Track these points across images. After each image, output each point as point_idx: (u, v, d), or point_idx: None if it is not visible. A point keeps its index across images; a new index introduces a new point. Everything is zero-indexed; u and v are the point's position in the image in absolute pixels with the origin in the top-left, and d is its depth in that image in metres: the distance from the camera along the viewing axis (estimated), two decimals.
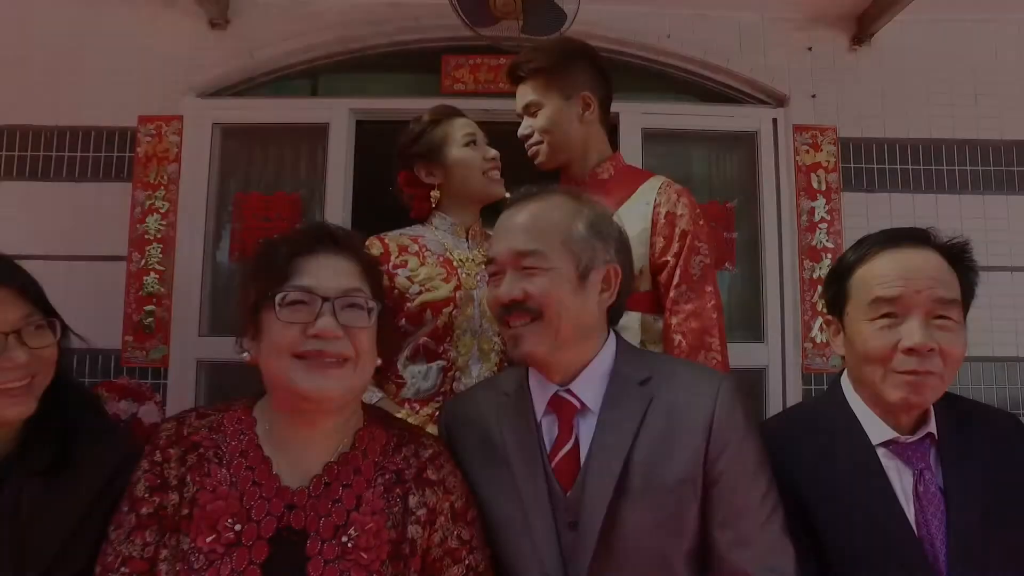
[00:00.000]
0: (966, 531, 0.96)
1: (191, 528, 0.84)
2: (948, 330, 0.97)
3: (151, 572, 0.83)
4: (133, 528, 0.84)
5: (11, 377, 0.91)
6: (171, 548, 0.83)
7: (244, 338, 0.95)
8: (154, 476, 0.87)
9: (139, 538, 0.84)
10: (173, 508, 0.85)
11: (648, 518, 0.91)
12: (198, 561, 0.82)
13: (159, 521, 0.85)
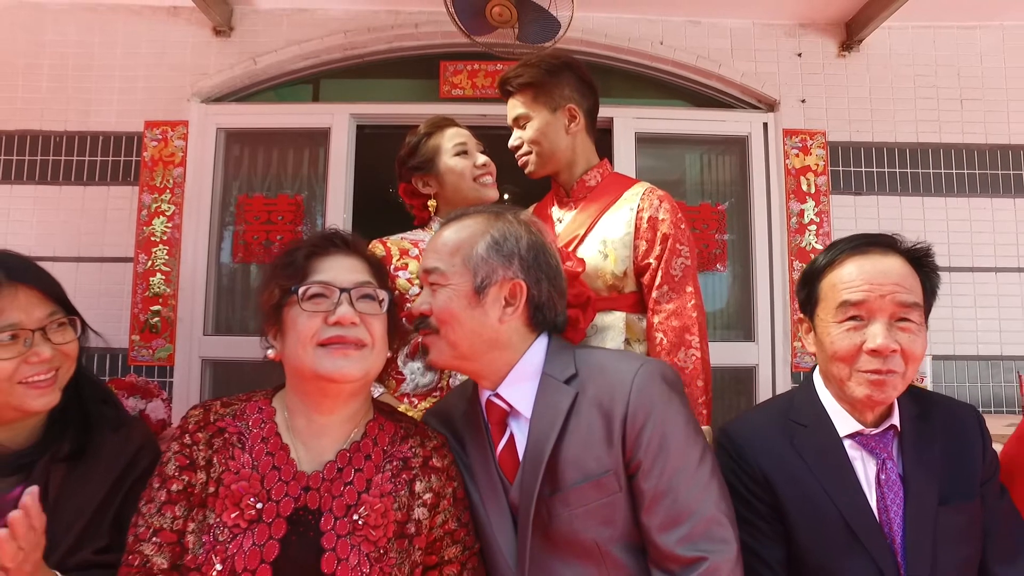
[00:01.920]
0: (922, 516, 1.05)
1: (216, 504, 0.93)
2: (909, 332, 1.06)
3: (179, 542, 0.92)
4: (164, 503, 0.94)
5: (37, 371, 1.00)
6: (198, 522, 0.93)
7: (268, 335, 1.04)
8: (184, 457, 0.96)
9: (169, 512, 0.93)
10: (200, 486, 0.94)
11: (578, 510, 0.98)
12: (223, 534, 0.91)
13: (187, 497, 0.94)
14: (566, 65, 1.56)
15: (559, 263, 1.12)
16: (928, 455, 1.09)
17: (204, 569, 0.89)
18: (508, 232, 1.07)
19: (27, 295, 1.00)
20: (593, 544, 0.98)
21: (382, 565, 0.93)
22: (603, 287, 1.43)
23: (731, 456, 1.16)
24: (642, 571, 0.98)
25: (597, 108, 1.62)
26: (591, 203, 1.50)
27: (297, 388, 1.03)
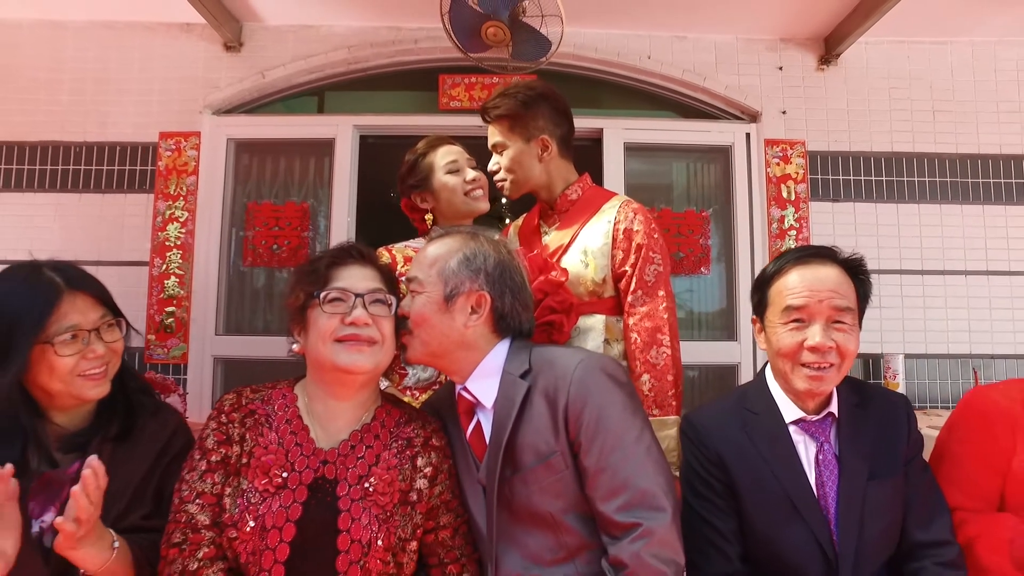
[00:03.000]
0: (853, 491, 1.23)
1: (249, 473, 1.11)
2: (844, 331, 1.24)
3: (218, 504, 1.10)
4: (205, 471, 1.11)
5: (93, 365, 1.18)
6: (233, 487, 1.10)
7: (293, 333, 1.21)
8: (220, 433, 1.13)
9: (209, 479, 1.11)
10: (235, 458, 1.12)
11: (534, 487, 1.15)
12: (254, 497, 1.09)
13: (224, 467, 1.12)
14: (541, 96, 1.69)
15: (524, 279, 1.28)
16: (861, 438, 1.27)
17: (240, 525, 1.07)
18: (478, 251, 1.23)
19: (84, 300, 1.18)
20: (548, 515, 1.14)
21: (388, 526, 1.11)
22: (585, 293, 1.60)
23: (692, 441, 1.34)
24: (591, 535, 1.14)
25: (572, 133, 1.76)
26: (573, 216, 1.67)
27: (317, 377, 1.20)
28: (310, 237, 2.96)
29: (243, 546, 1.07)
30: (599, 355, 1.26)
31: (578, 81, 3.09)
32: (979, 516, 1.26)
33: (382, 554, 1.10)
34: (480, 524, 1.18)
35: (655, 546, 1.04)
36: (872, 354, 2.89)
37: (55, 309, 1.14)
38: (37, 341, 1.11)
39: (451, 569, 1.18)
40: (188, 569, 1.05)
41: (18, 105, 2.91)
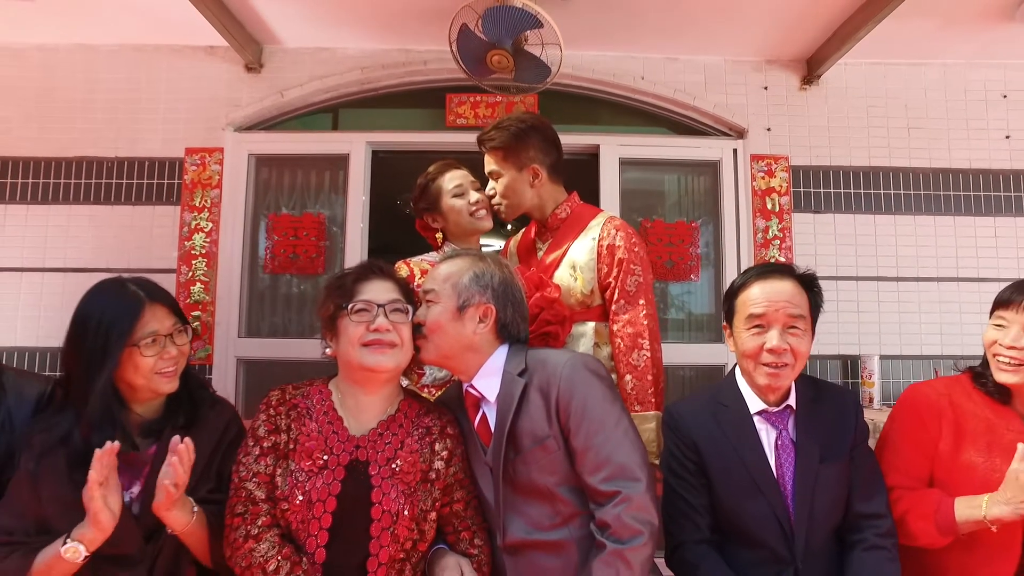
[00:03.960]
0: (806, 471, 1.45)
1: (295, 456, 1.33)
2: (797, 336, 1.46)
3: (271, 482, 1.32)
4: (258, 455, 1.33)
5: (167, 364, 1.40)
6: (283, 468, 1.33)
7: (326, 338, 1.44)
8: (270, 423, 1.36)
9: (263, 461, 1.33)
10: (283, 444, 1.34)
11: (532, 466, 1.36)
12: (301, 476, 1.31)
13: (275, 451, 1.34)
14: (532, 128, 1.90)
15: (523, 295, 1.50)
16: (814, 427, 1.49)
17: (290, 500, 1.29)
18: (486, 270, 1.46)
19: (161, 310, 1.41)
20: (546, 488, 1.36)
21: (412, 499, 1.33)
22: (575, 303, 1.83)
23: (671, 429, 1.57)
24: (582, 504, 1.36)
25: (561, 159, 1.97)
26: (563, 233, 1.89)
27: (347, 376, 1.43)
28: (326, 246, 3.18)
29: (293, 516, 1.29)
30: (583, 355, 1.48)
31: (576, 100, 3.31)
32: (912, 493, 1.48)
33: (408, 522, 1.32)
34: (489, 498, 1.40)
35: (633, 510, 1.26)
36: (850, 355, 3.11)
37: (140, 318, 1.36)
38: (126, 345, 1.33)
39: (464, 535, 1.41)
40: (250, 534, 1.27)
41: (56, 123, 3.14)
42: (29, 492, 1.29)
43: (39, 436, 1.33)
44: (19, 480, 1.30)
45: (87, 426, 1.31)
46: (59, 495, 1.28)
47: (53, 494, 1.28)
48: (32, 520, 1.28)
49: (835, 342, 3.12)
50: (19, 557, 1.22)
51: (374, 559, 1.30)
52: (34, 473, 1.29)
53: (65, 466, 1.29)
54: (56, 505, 1.28)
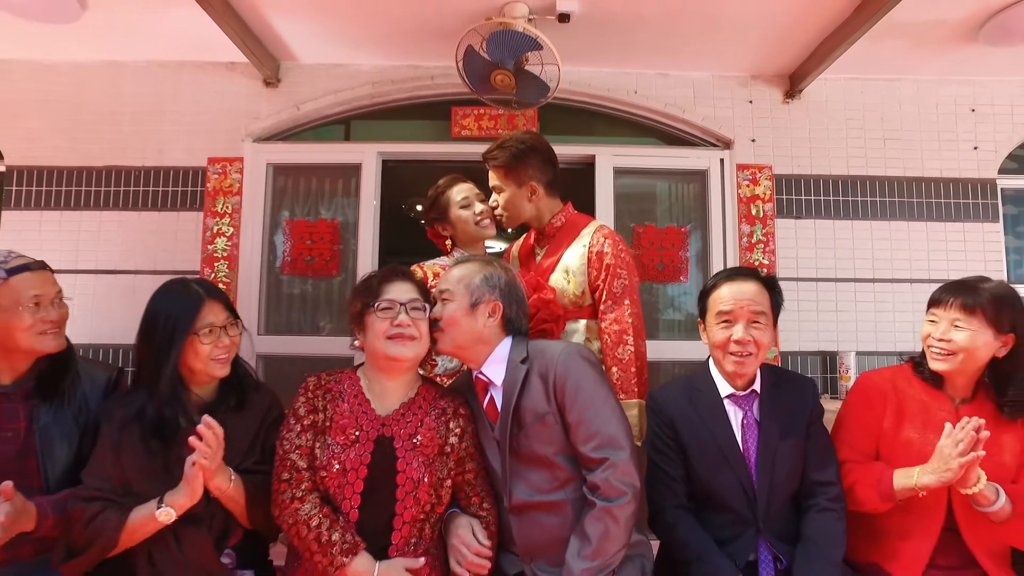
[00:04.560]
0: (768, 446, 1.71)
1: (331, 432, 1.58)
2: (759, 329, 1.72)
3: (311, 454, 1.57)
4: (299, 431, 1.58)
5: (221, 351, 1.65)
6: (320, 442, 1.58)
7: (354, 333, 1.69)
8: (309, 404, 1.61)
9: (303, 436, 1.58)
10: (320, 422, 1.59)
11: (533, 438, 1.60)
12: (336, 449, 1.56)
13: (313, 428, 1.59)
14: (531, 149, 2.15)
15: (524, 294, 1.76)
16: (775, 408, 1.75)
17: (328, 468, 1.54)
18: (494, 273, 1.72)
19: (217, 306, 1.66)
20: (545, 457, 1.61)
21: (431, 469, 1.58)
22: (569, 303, 2.09)
23: (653, 411, 1.83)
24: (575, 470, 1.60)
25: (557, 176, 2.22)
26: (558, 240, 2.15)
27: (373, 364, 1.68)
28: (340, 249, 3.43)
29: (331, 482, 1.55)
30: (576, 344, 1.74)
31: (574, 112, 3.57)
32: (859, 466, 1.74)
33: (427, 488, 1.57)
34: (496, 468, 1.66)
35: (619, 474, 1.51)
36: (828, 351, 3.37)
37: (200, 311, 1.62)
38: (189, 334, 1.59)
39: (474, 500, 1.66)
40: (295, 496, 1.53)
41: (87, 135, 3.40)
42: (112, 458, 1.54)
43: (119, 411, 1.58)
44: (102, 448, 1.56)
45: (158, 402, 1.56)
46: (137, 460, 1.53)
47: (132, 459, 1.54)
48: (116, 482, 1.53)
49: (815, 339, 3.38)
50: (115, 513, 1.47)
51: (399, 518, 1.55)
52: (116, 442, 1.55)
53: (140, 436, 1.55)
54: (135, 469, 1.53)
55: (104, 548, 1.47)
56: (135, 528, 1.48)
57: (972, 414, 1.60)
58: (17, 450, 1.59)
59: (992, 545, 1.66)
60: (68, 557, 1.49)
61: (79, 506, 1.51)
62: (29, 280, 1.62)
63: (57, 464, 1.62)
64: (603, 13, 2.96)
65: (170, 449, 1.56)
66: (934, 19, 2.96)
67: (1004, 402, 1.70)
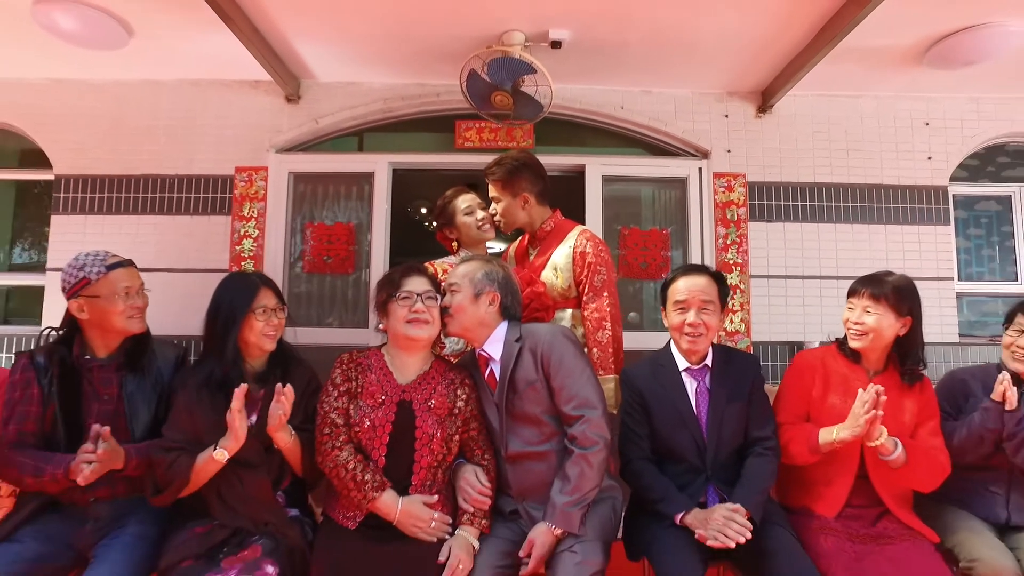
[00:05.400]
0: (717, 409, 2.13)
1: (362, 396, 2.00)
2: (708, 314, 2.14)
3: (346, 413, 1.99)
4: (337, 396, 2.00)
5: (271, 329, 2.07)
6: (354, 405, 2.00)
7: (379, 317, 2.11)
8: (344, 374, 2.03)
9: (340, 400, 2.00)
10: (353, 388, 2.02)
11: (525, 401, 2.00)
12: (367, 409, 1.98)
13: (348, 393, 2.01)
14: (524, 165, 2.59)
15: (518, 287, 2.18)
16: (724, 379, 2.17)
17: (360, 425, 1.96)
18: (493, 269, 2.13)
19: (269, 292, 2.09)
20: (534, 415, 2.02)
21: (442, 426, 2.01)
22: (557, 295, 2.52)
23: (625, 383, 2.25)
24: (559, 426, 2.02)
25: (547, 187, 2.65)
26: (548, 243, 2.58)
27: (395, 344, 2.10)
28: (355, 250, 3.87)
29: (363, 435, 1.97)
30: (560, 326, 2.18)
31: (566, 126, 4.01)
32: (793, 427, 2.16)
33: (440, 442, 2.00)
34: (495, 426, 2.08)
35: (593, 428, 1.94)
36: (796, 341, 3.79)
37: (256, 295, 2.05)
38: (247, 312, 2.02)
39: (477, 452, 2.09)
40: (335, 446, 1.95)
41: (126, 146, 3.83)
42: (186, 416, 1.97)
43: (192, 379, 2.01)
44: (179, 408, 1.98)
45: (224, 367, 1.99)
46: (206, 417, 1.95)
47: (202, 416, 1.96)
48: (190, 435, 1.96)
49: (784, 330, 3.81)
50: (187, 457, 1.90)
51: (417, 465, 1.98)
52: (189, 403, 1.97)
53: (209, 397, 1.97)
54: (204, 424, 1.96)
55: (181, 485, 1.89)
56: (200, 468, 1.90)
57: (882, 383, 2.02)
58: (112, 410, 2.01)
59: (894, 489, 2.08)
60: (156, 493, 1.92)
61: (161, 455, 1.93)
62: (122, 274, 2.05)
63: (140, 422, 2.05)
64: (591, 40, 3.39)
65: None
66: (884, 45, 3.39)
67: (904, 371, 2.13)
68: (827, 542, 1.99)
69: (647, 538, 2.03)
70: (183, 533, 1.89)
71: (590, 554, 1.86)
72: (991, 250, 4.05)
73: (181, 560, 1.81)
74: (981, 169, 4.08)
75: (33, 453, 1.90)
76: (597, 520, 1.97)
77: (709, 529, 1.90)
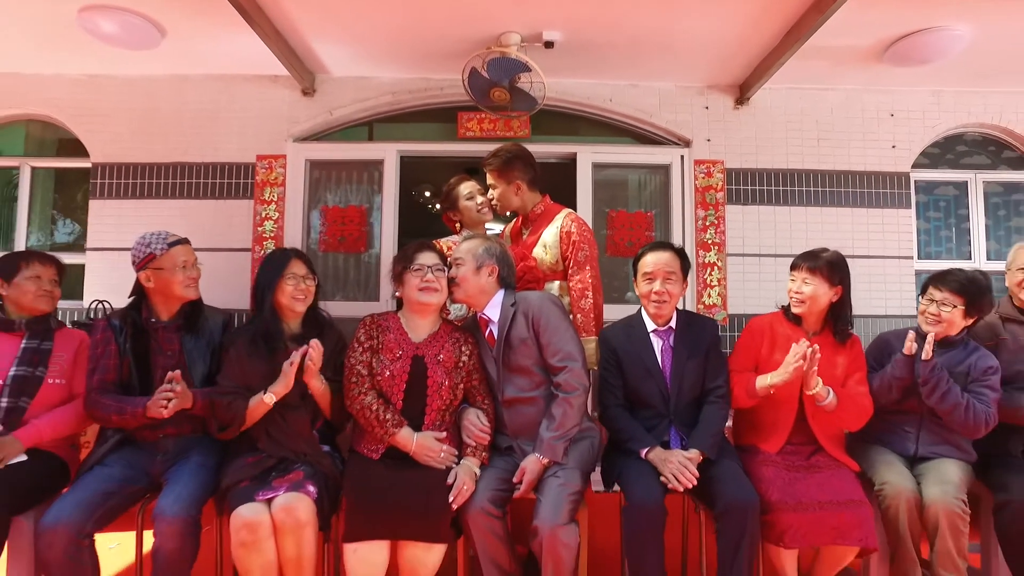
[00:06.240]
0: (679, 364, 2.58)
1: (382, 351, 2.46)
2: (671, 283, 2.58)
3: (370, 365, 2.45)
4: (361, 351, 2.45)
5: (300, 294, 2.50)
6: (376, 358, 2.45)
7: (395, 287, 2.57)
8: (367, 333, 2.48)
9: (364, 354, 2.46)
10: (375, 345, 2.47)
11: (519, 355, 2.44)
12: (387, 362, 2.43)
13: (371, 349, 2.47)
14: (517, 157, 3.02)
15: (513, 261, 2.61)
16: (685, 339, 2.62)
17: (381, 374, 2.42)
18: (492, 245, 2.57)
19: (299, 262, 2.53)
20: (526, 367, 2.47)
21: (450, 376, 2.46)
22: (547, 269, 2.97)
23: (603, 343, 2.70)
24: (546, 376, 2.46)
25: (538, 175, 3.08)
26: (539, 224, 3.03)
27: (409, 308, 2.56)
28: (366, 231, 4.31)
29: (384, 384, 2.42)
30: (548, 293, 2.64)
31: (559, 116, 4.43)
32: (740, 375, 2.62)
33: (448, 390, 2.45)
34: (493, 376, 2.54)
35: (574, 377, 2.39)
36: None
37: (287, 265, 2.49)
38: (279, 278, 2.47)
39: (478, 398, 2.54)
40: (361, 391, 2.40)
41: (157, 136, 4.27)
42: (238, 367, 2.42)
43: (241, 336, 2.47)
44: (230, 360, 2.44)
45: (266, 323, 2.45)
46: (254, 367, 2.40)
47: (251, 367, 2.41)
48: (241, 383, 2.42)
49: (757, 304, 4.26)
50: (242, 401, 2.36)
51: (429, 407, 2.44)
52: (240, 356, 2.43)
53: (256, 351, 2.42)
54: (253, 373, 2.41)
55: (240, 422, 2.36)
56: (253, 409, 2.36)
57: (819, 342, 2.48)
58: (174, 363, 2.47)
59: (827, 430, 2.54)
60: (220, 429, 2.38)
61: (219, 398, 2.40)
62: (180, 250, 2.50)
63: (197, 373, 2.50)
64: (581, 41, 3.81)
65: (274, 359, 2.43)
66: (847, 44, 3.81)
67: (836, 331, 2.59)
68: (768, 471, 2.44)
69: (619, 468, 2.50)
70: (238, 461, 2.36)
71: (571, 478, 2.33)
72: (948, 231, 4.49)
73: (240, 481, 2.28)
74: (941, 157, 4.50)
75: (115, 397, 2.37)
76: (578, 453, 2.43)
77: (666, 472, 2.36)
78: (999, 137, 4.47)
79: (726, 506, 2.24)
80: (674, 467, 2.35)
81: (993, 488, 2.45)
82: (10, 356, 2.41)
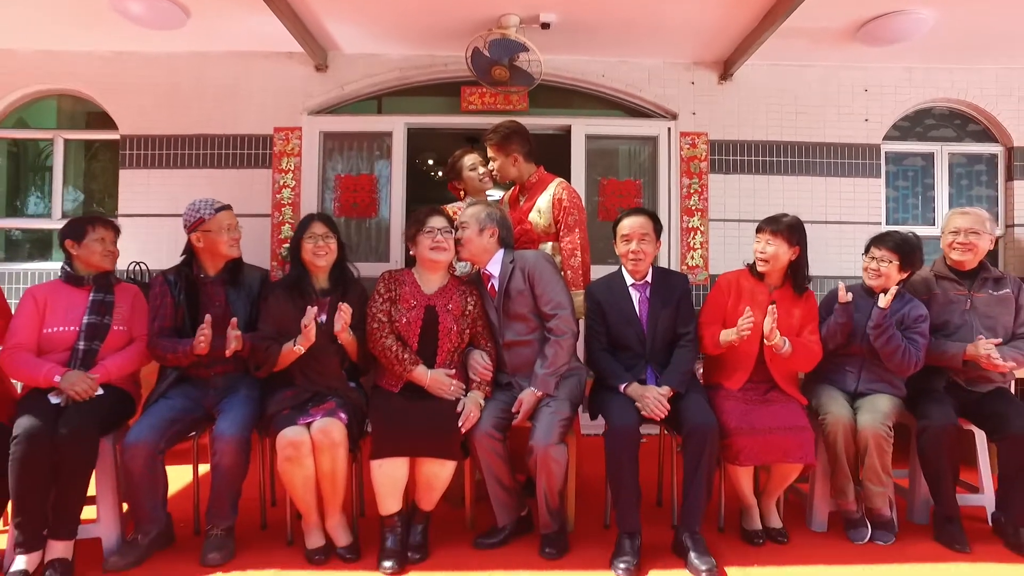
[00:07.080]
0: (653, 312, 3.04)
1: (399, 302, 2.91)
2: (646, 243, 3.02)
3: (389, 312, 2.90)
4: (381, 302, 2.90)
5: (321, 251, 2.92)
6: (394, 307, 2.90)
7: (410, 246, 3.01)
8: (386, 286, 2.93)
9: (384, 304, 2.89)
10: (393, 296, 2.92)
11: (517, 303, 2.89)
12: (404, 310, 2.88)
13: (390, 299, 2.91)
14: (514, 132, 3.44)
15: (511, 224, 3.05)
16: (660, 291, 3.07)
17: (399, 321, 2.87)
18: (493, 211, 3.01)
19: (320, 224, 2.95)
20: (523, 314, 2.93)
21: (457, 323, 2.92)
22: (541, 232, 3.41)
23: (589, 296, 3.17)
24: (540, 322, 2.92)
25: (533, 148, 3.49)
26: (534, 192, 3.47)
27: (421, 265, 3.00)
28: (377, 198, 4.75)
29: (401, 329, 2.88)
30: (542, 251, 3.08)
31: (555, 91, 4.83)
32: (708, 326, 3.08)
33: (456, 335, 2.91)
34: (495, 323, 3.00)
35: (564, 322, 2.86)
36: None
37: (309, 226, 2.93)
38: (302, 239, 2.92)
39: (482, 342, 3.00)
40: (382, 334, 2.85)
41: (181, 110, 4.67)
42: (274, 316, 2.88)
43: (276, 291, 2.92)
44: (267, 310, 2.89)
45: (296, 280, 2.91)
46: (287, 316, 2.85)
47: (286, 314, 2.87)
48: (277, 330, 2.87)
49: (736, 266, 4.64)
50: (277, 345, 2.81)
51: (440, 349, 2.90)
52: (277, 305, 2.89)
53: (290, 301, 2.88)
54: (286, 321, 2.86)
55: (273, 364, 2.83)
56: (284, 354, 2.81)
57: (779, 296, 2.95)
58: (221, 313, 2.92)
59: (783, 371, 3.01)
60: (257, 368, 2.86)
61: (258, 342, 2.86)
62: (225, 215, 2.94)
63: (241, 321, 2.94)
64: (575, 21, 4.20)
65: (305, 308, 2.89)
66: (821, 26, 4.21)
67: (795, 286, 3.05)
68: (729, 404, 2.92)
69: (602, 401, 2.98)
70: (279, 394, 2.84)
71: (561, 408, 2.81)
72: (915, 199, 4.93)
73: (281, 410, 2.76)
74: (910, 130, 4.92)
75: (171, 339, 2.84)
76: (567, 388, 2.91)
77: (644, 405, 2.83)
78: (964, 111, 4.87)
79: (690, 429, 2.72)
80: (650, 401, 2.83)
81: (917, 416, 2.94)
82: (82, 307, 2.86)
